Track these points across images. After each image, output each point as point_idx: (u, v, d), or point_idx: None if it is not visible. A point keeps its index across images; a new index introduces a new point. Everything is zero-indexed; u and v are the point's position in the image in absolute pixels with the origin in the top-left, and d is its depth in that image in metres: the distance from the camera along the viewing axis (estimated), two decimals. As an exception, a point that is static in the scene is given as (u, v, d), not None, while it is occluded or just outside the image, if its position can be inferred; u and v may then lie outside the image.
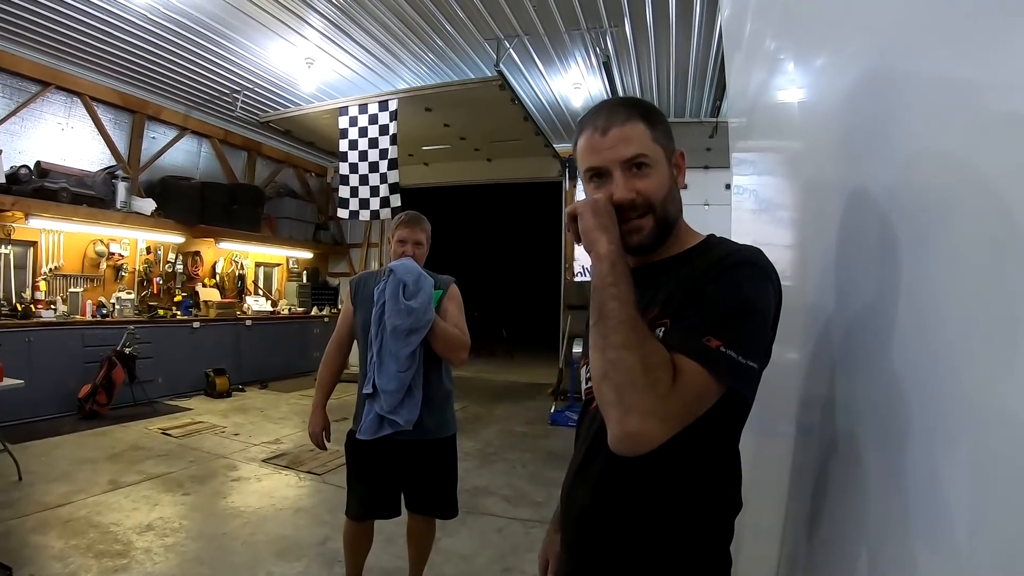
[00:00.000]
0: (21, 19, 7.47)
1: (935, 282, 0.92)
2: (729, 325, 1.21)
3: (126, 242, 10.02)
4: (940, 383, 0.88)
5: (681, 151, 1.47)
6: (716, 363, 1.17)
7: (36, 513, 4.76)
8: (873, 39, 1.20)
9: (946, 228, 0.89)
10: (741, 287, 1.26)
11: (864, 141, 1.24)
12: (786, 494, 1.69)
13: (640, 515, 1.38)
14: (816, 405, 1.49)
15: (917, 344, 0.97)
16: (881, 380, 1.08)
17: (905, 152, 1.04)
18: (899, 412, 1.00)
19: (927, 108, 0.96)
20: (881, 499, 1.08)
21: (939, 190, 0.91)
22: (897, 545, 0.99)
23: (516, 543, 4.69)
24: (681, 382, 1.15)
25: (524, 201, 18.62)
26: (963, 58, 0.84)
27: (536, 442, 7.75)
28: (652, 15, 7.22)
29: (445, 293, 3.45)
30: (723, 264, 1.29)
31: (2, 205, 7.88)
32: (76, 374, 8.32)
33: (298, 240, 13.41)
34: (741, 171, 3.14)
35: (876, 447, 1.12)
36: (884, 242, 1.11)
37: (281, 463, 6.46)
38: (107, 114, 9.86)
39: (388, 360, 3.20)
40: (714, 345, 1.17)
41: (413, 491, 3.46)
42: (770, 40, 2.24)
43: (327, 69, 9.13)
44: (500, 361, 16.04)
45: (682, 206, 1.48)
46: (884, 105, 1.13)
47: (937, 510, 0.87)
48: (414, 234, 3.42)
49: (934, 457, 0.89)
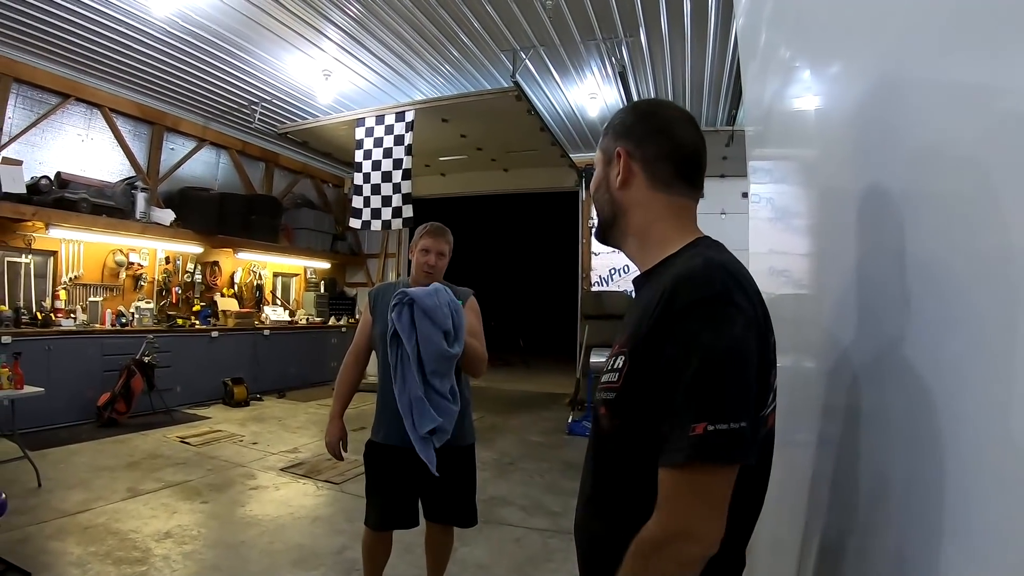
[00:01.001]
0: (41, 32, 7.57)
1: (960, 288, 0.90)
2: (703, 396, 1.14)
3: (145, 252, 10.11)
4: (970, 391, 0.86)
5: (620, 149, 1.46)
6: (711, 448, 1.11)
7: (55, 520, 4.79)
8: (886, 45, 1.20)
9: (968, 233, 0.88)
10: (698, 340, 1.16)
11: (881, 147, 1.24)
12: (805, 505, 1.67)
13: (629, 534, 1.29)
14: (838, 414, 1.47)
15: (944, 351, 0.95)
16: (907, 389, 1.06)
17: (921, 157, 1.03)
18: (927, 421, 0.98)
19: (942, 113, 0.95)
20: (907, 511, 1.06)
21: (957, 195, 0.90)
22: (925, 560, 0.97)
23: (533, 553, 4.68)
24: (695, 491, 1.15)
25: (541, 211, 18.65)
26: (977, 62, 0.84)
27: (553, 452, 7.73)
28: (667, 25, 7.22)
29: (465, 305, 3.43)
30: (672, 310, 1.21)
31: (23, 215, 7.96)
32: (95, 382, 8.39)
33: (316, 250, 13.44)
34: (758, 179, 3.13)
35: (902, 458, 1.09)
36: (905, 249, 1.10)
37: (299, 472, 6.48)
38: (126, 125, 9.95)
39: (437, 398, 3.16)
40: (700, 430, 1.11)
41: (432, 500, 3.45)
42: (784, 48, 2.24)
43: (344, 81, 9.19)
44: (516, 371, 16.03)
45: (637, 207, 1.46)
46: (899, 111, 1.12)
47: (969, 523, 0.85)
48: (438, 244, 3.42)
49: (964, 468, 0.87)
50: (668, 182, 1.43)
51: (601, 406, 1.38)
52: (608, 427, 1.37)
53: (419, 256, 3.42)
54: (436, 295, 3.15)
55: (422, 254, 3.42)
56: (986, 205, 0.82)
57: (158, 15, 7.05)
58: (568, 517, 1.57)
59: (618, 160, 1.46)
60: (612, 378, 1.33)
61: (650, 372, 1.23)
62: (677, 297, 1.21)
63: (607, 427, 1.37)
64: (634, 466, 1.29)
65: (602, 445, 1.43)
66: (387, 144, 9.36)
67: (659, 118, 1.47)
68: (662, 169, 1.43)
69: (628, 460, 1.33)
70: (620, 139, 1.46)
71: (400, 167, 9.29)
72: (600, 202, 1.53)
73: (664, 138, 1.43)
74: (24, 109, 8.49)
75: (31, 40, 7.79)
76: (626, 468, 1.34)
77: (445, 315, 3.13)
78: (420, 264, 3.42)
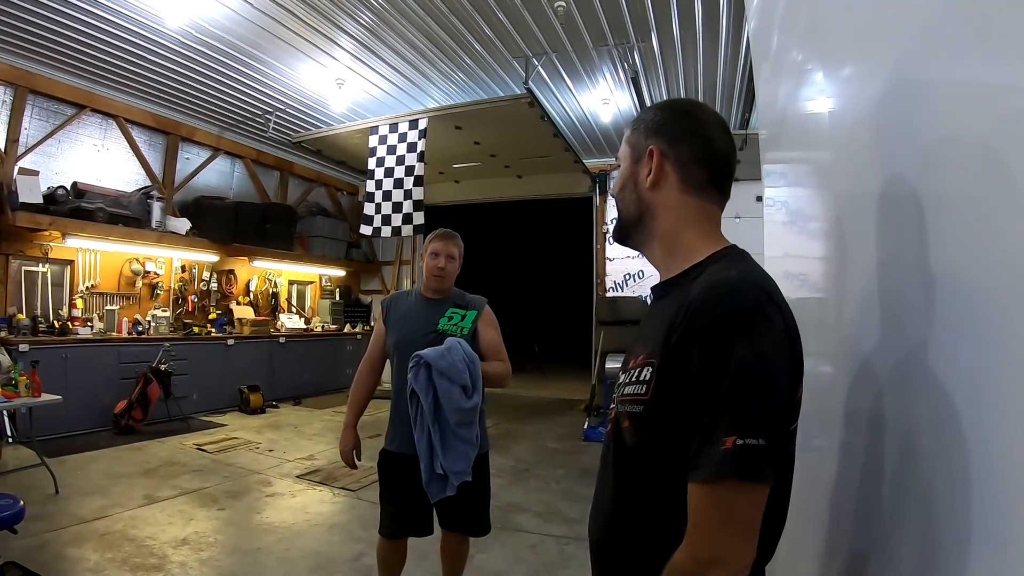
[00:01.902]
0: (56, 44, 7.65)
1: (984, 290, 0.88)
2: (733, 409, 1.11)
3: (161, 261, 10.18)
4: (997, 395, 0.84)
5: (653, 147, 1.39)
6: (738, 464, 1.08)
7: (72, 526, 4.82)
8: (902, 45, 1.19)
9: (991, 237, 0.86)
10: (731, 353, 1.13)
11: (898, 148, 1.22)
12: (826, 513, 1.65)
13: (636, 544, 1.33)
14: (860, 421, 1.44)
15: (968, 355, 0.93)
16: (931, 394, 1.04)
17: (940, 158, 1.02)
18: (952, 427, 0.95)
19: (961, 113, 0.94)
20: (932, 520, 1.04)
21: (979, 198, 0.89)
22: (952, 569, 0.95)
23: (550, 560, 4.66)
24: (725, 511, 1.11)
25: (555, 217, 18.61)
26: (998, 60, 0.83)
27: (569, 458, 7.70)
28: (679, 29, 7.21)
29: (480, 315, 3.44)
30: (704, 321, 1.18)
31: (40, 225, 8.05)
32: (112, 390, 8.45)
33: (330, 258, 13.48)
34: (772, 182, 3.11)
35: (926, 464, 1.07)
36: (926, 253, 1.08)
37: (315, 479, 6.49)
38: (141, 135, 10.02)
39: (455, 441, 3.18)
40: (730, 444, 1.08)
41: (445, 508, 3.42)
42: (797, 50, 2.23)
43: (357, 89, 9.22)
44: (532, 377, 15.97)
45: (667, 210, 1.40)
46: (917, 111, 1.11)
47: (999, 532, 0.83)
48: (447, 248, 3.42)
49: (992, 474, 0.85)
50: (700, 187, 1.38)
51: (625, 419, 1.33)
52: (632, 440, 1.32)
53: (429, 260, 3.43)
54: (449, 353, 3.16)
55: (432, 258, 3.42)
56: (1009, 208, 0.80)
57: (172, 26, 7.10)
58: (583, 523, 1.54)
59: (649, 159, 1.39)
60: (639, 390, 1.29)
61: (679, 384, 1.20)
62: (709, 308, 1.18)
63: (630, 440, 1.33)
64: (660, 482, 1.26)
65: (624, 459, 1.37)
66: (400, 151, 9.41)
67: (694, 119, 1.41)
68: (695, 173, 1.38)
69: (654, 475, 1.29)
70: (652, 136, 1.41)
71: (412, 174, 9.34)
72: (626, 200, 1.47)
73: (700, 141, 1.38)
74: (40, 120, 8.58)
75: (47, 52, 7.88)
76: (652, 484, 1.30)
77: (461, 371, 3.14)
78: (430, 268, 3.42)
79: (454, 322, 3.39)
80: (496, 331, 3.49)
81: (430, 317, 3.40)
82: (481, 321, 3.43)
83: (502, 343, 3.47)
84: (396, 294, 3.69)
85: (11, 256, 8.23)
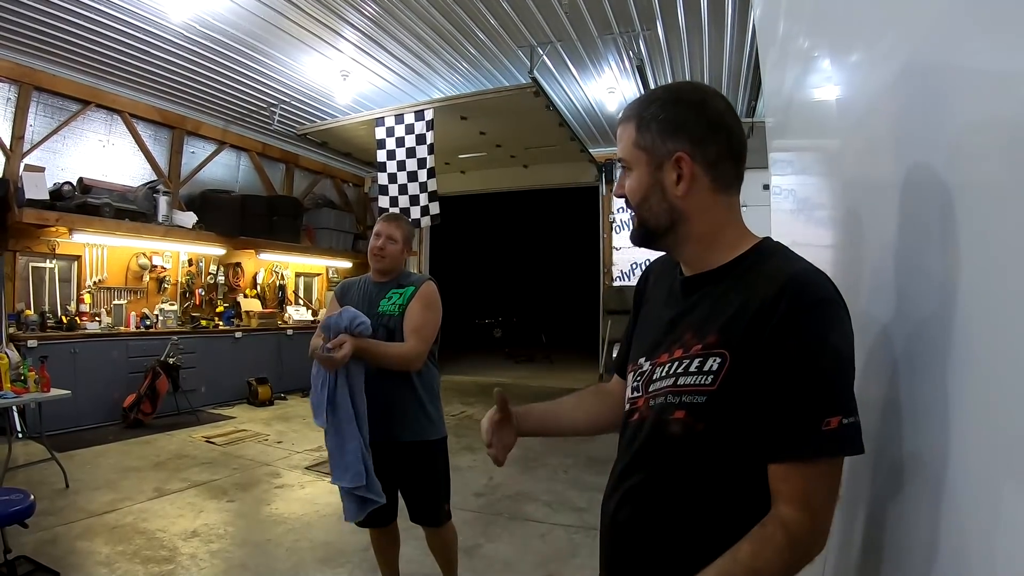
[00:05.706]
0: (60, 40, 7.64)
1: (1000, 278, 0.86)
2: (835, 391, 1.16)
3: (168, 255, 10.20)
4: (1015, 386, 0.81)
5: (680, 153, 1.30)
6: (846, 441, 1.14)
7: (82, 520, 4.85)
8: (912, 30, 1.17)
9: (1005, 224, 0.84)
10: (828, 338, 1.17)
11: (908, 135, 1.20)
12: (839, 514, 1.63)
13: (681, 534, 1.31)
14: (873, 413, 1.36)
15: (987, 345, 0.90)
16: (947, 386, 1.01)
17: (951, 145, 1.00)
18: (971, 419, 0.94)
19: (974, 99, 0.92)
20: (949, 507, 1.01)
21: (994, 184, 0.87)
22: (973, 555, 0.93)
23: (559, 549, 4.67)
24: (829, 486, 1.18)
25: (561, 206, 18.63)
26: (1012, 45, 0.81)
27: (577, 447, 7.68)
28: (684, 16, 7.17)
29: (416, 292, 3.37)
30: (796, 306, 1.18)
31: (47, 221, 8.06)
32: (120, 384, 8.50)
33: (337, 250, 13.50)
34: (779, 171, 3.09)
35: (942, 459, 1.03)
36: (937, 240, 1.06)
37: (324, 470, 6.48)
38: (147, 130, 10.03)
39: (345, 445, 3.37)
40: (835, 424, 1.12)
41: (406, 498, 3.46)
42: (804, 37, 2.21)
43: (362, 81, 9.22)
44: (539, 367, 15.95)
45: (702, 212, 1.34)
46: (927, 97, 1.09)
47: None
48: (388, 229, 3.42)
49: (1014, 470, 0.82)
50: (730, 183, 1.35)
51: (675, 410, 1.30)
52: (684, 432, 1.29)
53: (372, 239, 3.44)
54: (340, 317, 3.17)
55: (374, 238, 3.42)
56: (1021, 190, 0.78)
57: (175, 20, 7.09)
58: (592, 512, 1.53)
59: (675, 165, 1.31)
60: (702, 380, 1.26)
61: (762, 373, 1.20)
62: (799, 300, 1.19)
63: (682, 432, 1.29)
64: (724, 467, 1.25)
65: (668, 449, 1.33)
66: (409, 143, 9.40)
67: (711, 109, 1.33)
68: (726, 170, 1.33)
69: (716, 462, 1.27)
70: (672, 138, 1.31)
71: (424, 166, 9.36)
72: (653, 210, 1.36)
73: (723, 135, 1.32)
74: (45, 116, 8.59)
75: (50, 48, 7.87)
76: (712, 470, 1.27)
77: (328, 327, 3.17)
78: (371, 248, 3.43)
79: (392, 301, 3.38)
80: (425, 308, 3.35)
81: (375, 300, 3.42)
82: (415, 298, 3.36)
83: (427, 322, 3.33)
84: (347, 281, 3.70)
85: (18, 252, 8.25)
